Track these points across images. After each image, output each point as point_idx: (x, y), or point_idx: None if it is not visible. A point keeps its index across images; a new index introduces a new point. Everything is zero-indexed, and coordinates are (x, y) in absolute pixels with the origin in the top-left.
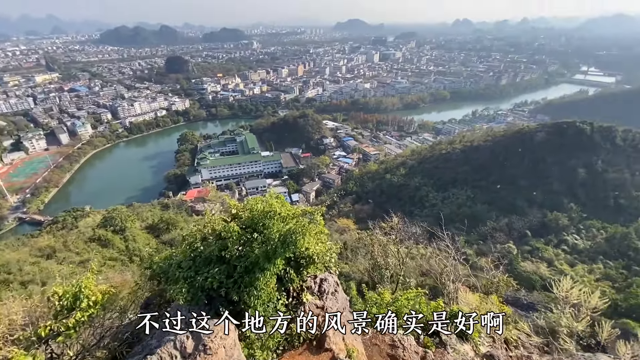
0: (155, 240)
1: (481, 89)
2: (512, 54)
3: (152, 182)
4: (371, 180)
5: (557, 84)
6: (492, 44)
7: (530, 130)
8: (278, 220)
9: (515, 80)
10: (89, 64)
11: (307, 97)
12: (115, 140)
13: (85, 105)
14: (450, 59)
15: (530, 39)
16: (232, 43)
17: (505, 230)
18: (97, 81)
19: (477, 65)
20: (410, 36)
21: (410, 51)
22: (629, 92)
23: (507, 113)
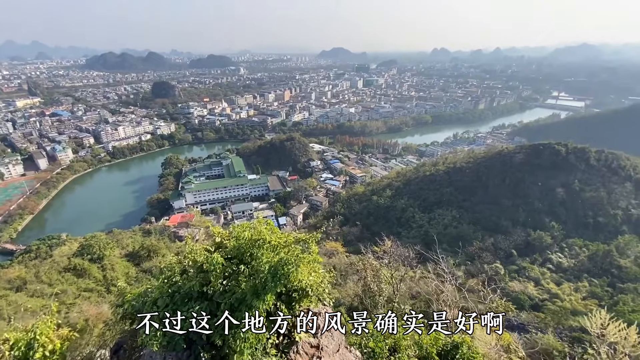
0: (135, 269)
1: (461, 112)
2: (488, 80)
3: (134, 207)
4: (358, 202)
5: (531, 108)
6: (469, 71)
7: (510, 152)
8: (268, 249)
9: (492, 105)
10: (73, 89)
11: (293, 121)
12: (97, 164)
13: (67, 129)
14: (430, 85)
15: (503, 67)
16: (219, 69)
17: (491, 250)
18: (80, 106)
19: (455, 91)
20: (392, 64)
21: (392, 77)
22: (598, 116)
23: (486, 135)
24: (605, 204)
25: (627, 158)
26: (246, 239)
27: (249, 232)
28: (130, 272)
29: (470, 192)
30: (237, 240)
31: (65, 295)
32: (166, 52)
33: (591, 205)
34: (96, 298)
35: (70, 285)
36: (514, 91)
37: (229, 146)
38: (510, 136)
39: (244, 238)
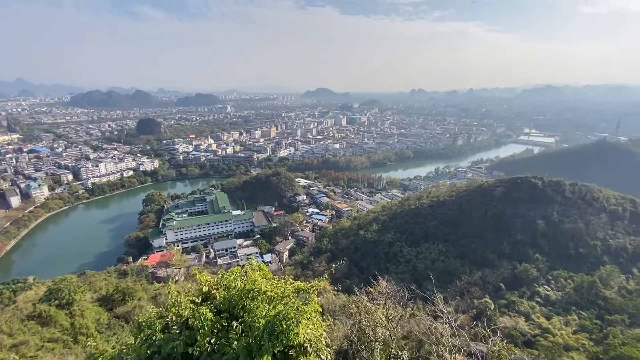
0: (107, 314)
1: (440, 148)
2: (464, 118)
3: (111, 246)
4: (345, 237)
5: (506, 144)
6: (446, 109)
7: (490, 185)
8: (263, 301)
9: (470, 141)
10: (55, 125)
11: (279, 156)
12: (74, 202)
13: (45, 166)
14: (410, 122)
15: (477, 106)
16: (206, 107)
17: (480, 284)
18: (61, 142)
19: (434, 128)
20: (374, 103)
21: (374, 116)
22: (568, 151)
23: (466, 170)
24: (584, 234)
25: (599, 190)
26: (238, 289)
27: (241, 281)
28: (101, 318)
29: (454, 226)
30: (228, 291)
31: (26, 347)
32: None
33: (571, 237)
34: (61, 349)
35: (32, 335)
36: (489, 128)
37: (213, 182)
38: (489, 170)
39: (236, 288)
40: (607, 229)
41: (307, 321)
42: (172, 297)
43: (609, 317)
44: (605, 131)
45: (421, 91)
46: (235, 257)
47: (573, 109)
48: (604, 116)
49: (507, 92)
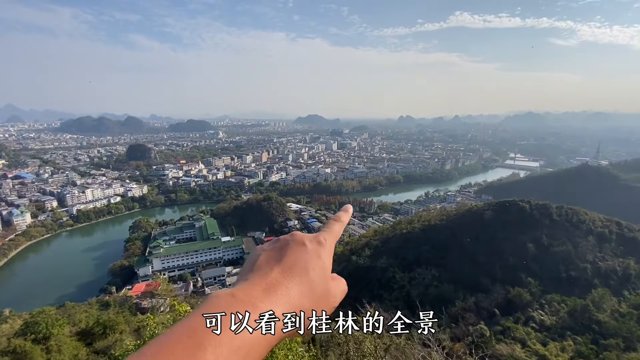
0: (86, 349)
1: (429, 172)
2: (451, 143)
3: (93, 276)
4: (337, 263)
5: (492, 168)
6: (433, 135)
7: (479, 209)
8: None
9: (458, 165)
10: (42, 151)
11: (271, 181)
12: (57, 229)
13: (29, 192)
14: (399, 147)
15: (464, 132)
16: (198, 133)
17: (474, 310)
18: (47, 168)
19: (423, 153)
20: (363, 129)
21: (364, 141)
22: (552, 174)
23: (455, 194)
24: (574, 257)
25: (585, 213)
26: None
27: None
28: (80, 354)
29: (447, 250)
30: None
31: None
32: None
33: (561, 260)
34: None
35: None
36: (476, 153)
37: (203, 207)
38: (478, 194)
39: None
40: (595, 252)
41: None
42: (150, 329)
43: (604, 342)
44: (586, 155)
45: (409, 117)
46: (224, 285)
47: (555, 134)
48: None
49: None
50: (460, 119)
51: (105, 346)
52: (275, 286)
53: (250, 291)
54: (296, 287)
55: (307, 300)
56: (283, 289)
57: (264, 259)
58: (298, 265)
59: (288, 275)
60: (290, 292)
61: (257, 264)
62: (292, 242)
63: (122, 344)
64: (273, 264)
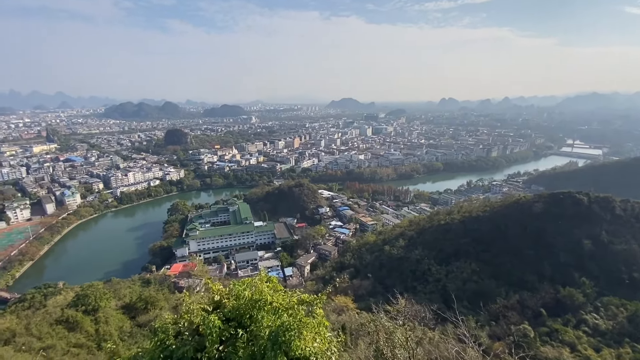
0: (130, 322)
1: (473, 160)
2: (499, 128)
3: (136, 255)
4: (369, 252)
5: (546, 156)
6: (478, 119)
7: (528, 201)
8: (269, 312)
9: (505, 153)
10: (89, 136)
11: (302, 167)
12: (104, 210)
13: (79, 174)
14: (440, 133)
15: (513, 116)
16: (231, 118)
17: (517, 309)
18: (94, 152)
19: (466, 139)
20: (400, 113)
21: (401, 126)
22: (619, 164)
23: (501, 184)
24: (639, 258)
25: None
26: (246, 299)
27: (249, 291)
28: (124, 326)
29: (489, 243)
30: (237, 300)
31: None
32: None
33: (623, 260)
34: (85, 355)
35: (59, 340)
36: (527, 139)
37: (236, 192)
38: (527, 184)
39: (244, 298)
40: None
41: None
42: (186, 304)
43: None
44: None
45: (452, 100)
46: (256, 269)
47: (623, 118)
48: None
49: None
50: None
51: (147, 320)
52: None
53: None
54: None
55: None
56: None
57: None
58: None
59: None
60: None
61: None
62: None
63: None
64: None
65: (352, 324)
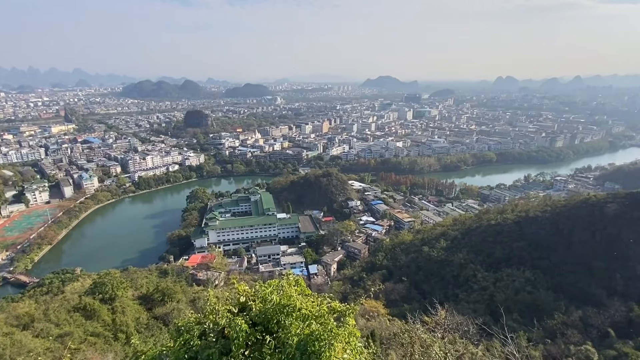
0: (146, 314)
1: (533, 151)
2: (567, 113)
3: (154, 243)
4: (405, 253)
5: (624, 147)
6: (542, 102)
7: (599, 201)
8: (298, 319)
9: (574, 142)
10: (107, 116)
11: (331, 154)
12: (121, 195)
13: (96, 157)
14: (494, 117)
15: (586, 98)
16: (255, 98)
17: (579, 327)
18: (112, 133)
19: (526, 125)
20: (448, 93)
21: (448, 109)
22: None
23: (567, 179)
24: None
25: None
26: (273, 304)
27: (276, 295)
28: (141, 317)
29: (548, 249)
30: (264, 303)
31: (70, 338)
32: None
33: None
34: (102, 345)
35: (77, 328)
36: (602, 127)
37: (259, 180)
38: (599, 181)
39: (271, 302)
40: None
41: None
42: (211, 304)
43: None
44: None
45: (510, 79)
46: (278, 264)
47: None
48: None
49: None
50: (582, 81)
51: (164, 313)
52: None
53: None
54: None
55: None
56: None
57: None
58: None
59: None
60: None
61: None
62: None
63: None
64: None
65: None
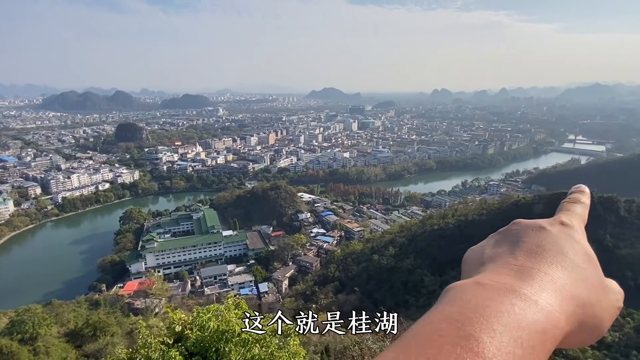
0: (75, 352)
1: (468, 158)
2: (496, 122)
3: (82, 271)
4: (356, 263)
5: (546, 152)
6: (474, 113)
7: (528, 202)
8: (238, 344)
9: (503, 149)
10: (24, 131)
11: (279, 166)
12: (42, 219)
13: (11, 177)
14: (432, 127)
15: (512, 109)
16: (194, 110)
17: None
18: (30, 150)
19: (460, 134)
20: (389, 105)
21: (390, 120)
22: (622, 161)
23: (499, 183)
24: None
25: None
26: (212, 331)
27: (214, 321)
28: (69, 357)
29: None
30: (202, 331)
31: None
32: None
33: (628, 264)
34: None
35: None
36: (526, 134)
37: (201, 196)
38: (527, 184)
39: (209, 329)
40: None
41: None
42: (142, 337)
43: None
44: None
45: (445, 91)
46: (225, 285)
47: (627, 111)
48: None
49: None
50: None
51: (96, 349)
52: (528, 271)
53: (498, 278)
54: (560, 273)
55: (582, 289)
56: (541, 274)
57: (491, 251)
58: (549, 250)
59: (540, 259)
60: (553, 277)
61: (484, 257)
62: (521, 228)
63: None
64: (509, 253)
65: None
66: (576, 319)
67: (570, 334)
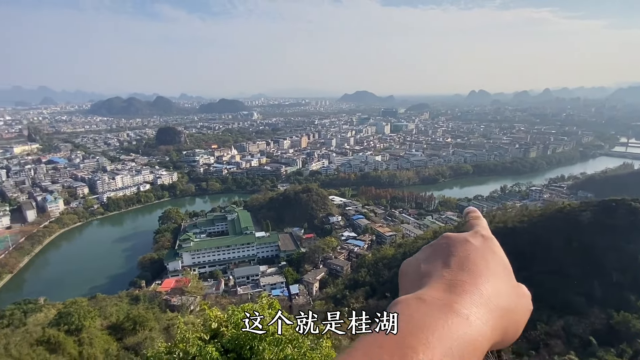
0: (116, 344)
1: (508, 162)
2: (538, 125)
3: (124, 268)
4: (387, 268)
5: (595, 157)
6: (514, 115)
7: (573, 209)
8: (271, 343)
9: (546, 153)
10: (74, 135)
11: (311, 169)
12: (89, 217)
13: (62, 178)
14: (469, 130)
15: (556, 110)
16: (230, 114)
17: (562, 336)
18: (79, 153)
19: (499, 137)
20: (423, 107)
21: (424, 123)
22: None
23: (542, 189)
24: None
25: None
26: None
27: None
28: (110, 348)
29: (527, 259)
30: (237, 329)
31: None
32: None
33: None
34: None
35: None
36: (572, 137)
37: (236, 198)
38: (573, 190)
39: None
40: None
41: None
42: (181, 332)
43: None
44: None
45: (482, 93)
46: (257, 286)
47: None
48: None
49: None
50: (551, 94)
51: (135, 343)
52: (461, 285)
53: (436, 294)
54: (486, 285)
55: (504, 298)
56: (472, 288)
57: (426, 266)
58: (476, 263)
59: (469, 272)
60: (481, 290)
61: (421, 270)
62: (451, 242)
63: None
64: (442, 266)
65: None
66: (501, 327)
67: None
